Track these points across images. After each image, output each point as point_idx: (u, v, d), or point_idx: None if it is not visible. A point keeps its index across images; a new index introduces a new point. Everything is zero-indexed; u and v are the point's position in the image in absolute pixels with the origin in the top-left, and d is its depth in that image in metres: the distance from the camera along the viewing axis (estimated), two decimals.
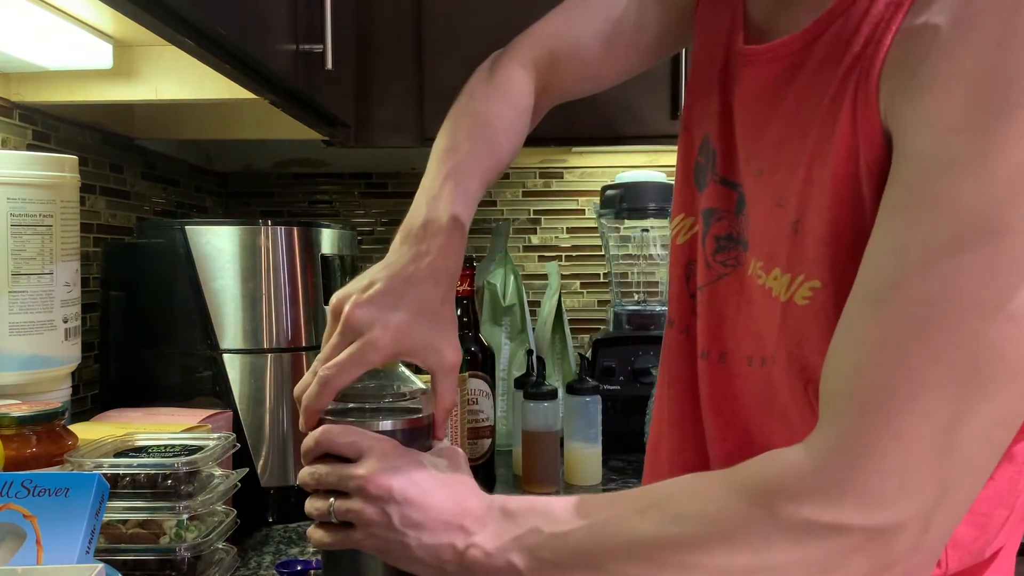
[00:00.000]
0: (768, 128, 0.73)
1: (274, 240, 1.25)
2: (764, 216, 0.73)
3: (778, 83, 0.72)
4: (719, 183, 0.79)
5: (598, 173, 2.01)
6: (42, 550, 0.67)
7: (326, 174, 2.01)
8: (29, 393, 1.02)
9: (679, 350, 0.85)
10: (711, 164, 0.80)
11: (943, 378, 0.54)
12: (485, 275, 1.78)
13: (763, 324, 0.73)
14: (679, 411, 0.85)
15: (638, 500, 0.64)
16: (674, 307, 0.86)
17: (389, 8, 1.53)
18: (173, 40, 0.83)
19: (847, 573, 0.55)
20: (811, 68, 0.68)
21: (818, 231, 0.66)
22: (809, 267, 0.67)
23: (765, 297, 0.72)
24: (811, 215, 0.66)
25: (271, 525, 1.24)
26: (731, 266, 0.78)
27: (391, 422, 0.73)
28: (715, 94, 0.80)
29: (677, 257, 0.86)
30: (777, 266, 0.70)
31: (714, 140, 0.80)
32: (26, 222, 1.01)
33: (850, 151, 0.63)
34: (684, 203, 0.85)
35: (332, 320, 0.74)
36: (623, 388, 1.63)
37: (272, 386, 1.25)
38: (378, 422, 0.73)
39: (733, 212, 0.77)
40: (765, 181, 0.72)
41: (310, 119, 1.29)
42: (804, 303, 0.67)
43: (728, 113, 0.78)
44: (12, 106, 1.20)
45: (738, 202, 0.77)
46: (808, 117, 0.67)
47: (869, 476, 0.54)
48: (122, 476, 0.86)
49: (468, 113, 0.88)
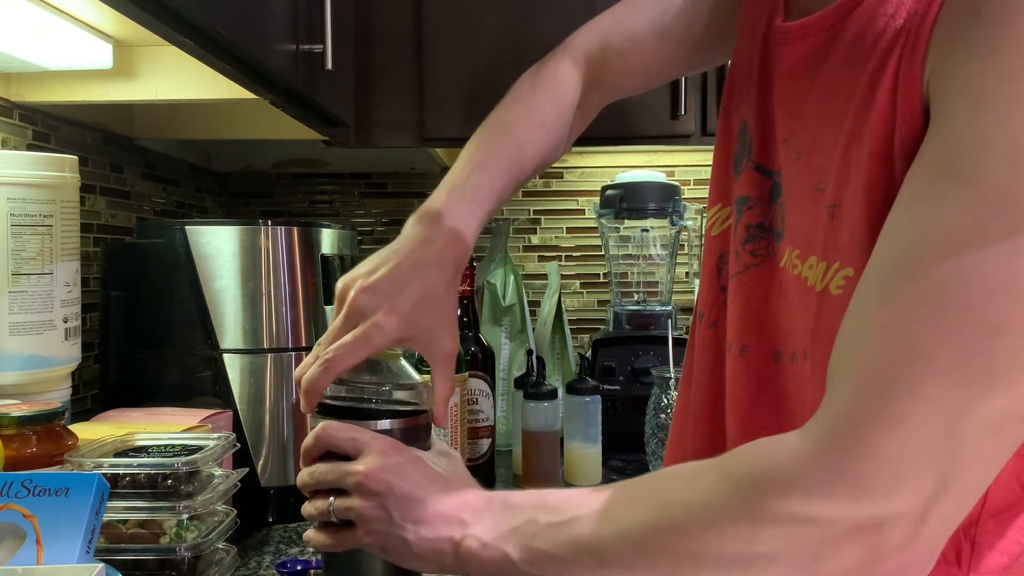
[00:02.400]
0: (804, 107, 0.71)
1: (274, 240, 1.25)
2: (802, 201, 0.70)
3: (813, 59, 0.70)
4: (754, 170, 0.77)
5: (598, 173, 2.01)
6: (42, 550, 0.67)
7: (326, 174, 2.01)
8: (29, 393, 1.02)
9: (704, 343, 0.83)
10: (747, 151, 0.78)
11: (953, 364, 0.51)
12: (485, 275, 1.78)
13: (797, 317, 0.70)
14: (702, 407, 0.83)
15: (633, 488, 0.64)
16: (703, 300, 0.84)
17: (389, 8, 1.53)
18: (173, 40, 0.83)
19: (837, 565, 0.54)
20: (846, 42, 0.66)
21: (853, 216, 0.63)
22: (844, 254, 0.64)
23: (801, 288, 0.69)
24: (847, 199, 0.64)
25: (271, 525, 1.24)
26: (761, 256, 0.75)
27: (389, 421, 0.73)
28: (754, 78, 0.78)
29: (711, 249, 0.84)
30: (814, 254, 0.67)
31: (752, 126, 0.78)
32: (26, 222, 1.01)
33: (887, 130, 0.60)
34: (720, 192, 0.83)
35: (338, 304, 0.74)
36: (623, 388, 1.63)
37: (272, 386, 1.25)
38: (377, 421, 0.73)
39: (766, 201, 0.75)
40: (804, 164, 0.70)
41: (310, 119, 1.29)
42: (839, 292, 0.65)
43: (767, 95, 0.76)
44: (12, 106, 1.20)
45: (772, 190, 0.75)
46: (845, 95, 0.65)
47: (863, 464, 0.52)
48: (122, 476, 0.86)
49: (509, 107, 0.88)
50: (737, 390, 0.77)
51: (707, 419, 0.82)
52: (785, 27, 0.74)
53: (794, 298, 0.71)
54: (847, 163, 0.64)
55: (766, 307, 0.75)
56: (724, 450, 0.79)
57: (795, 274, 0.70)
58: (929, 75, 0.57)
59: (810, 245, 0.68)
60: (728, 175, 0.82)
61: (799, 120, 0.71)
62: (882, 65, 0.62)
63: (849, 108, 0.64)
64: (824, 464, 0.54)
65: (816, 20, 0.70)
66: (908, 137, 0.59)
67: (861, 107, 0.63)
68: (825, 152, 0.67)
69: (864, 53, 0.64)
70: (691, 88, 1.51)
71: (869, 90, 0.62)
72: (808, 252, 0.68)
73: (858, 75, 0.64)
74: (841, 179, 0.65)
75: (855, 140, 0.63)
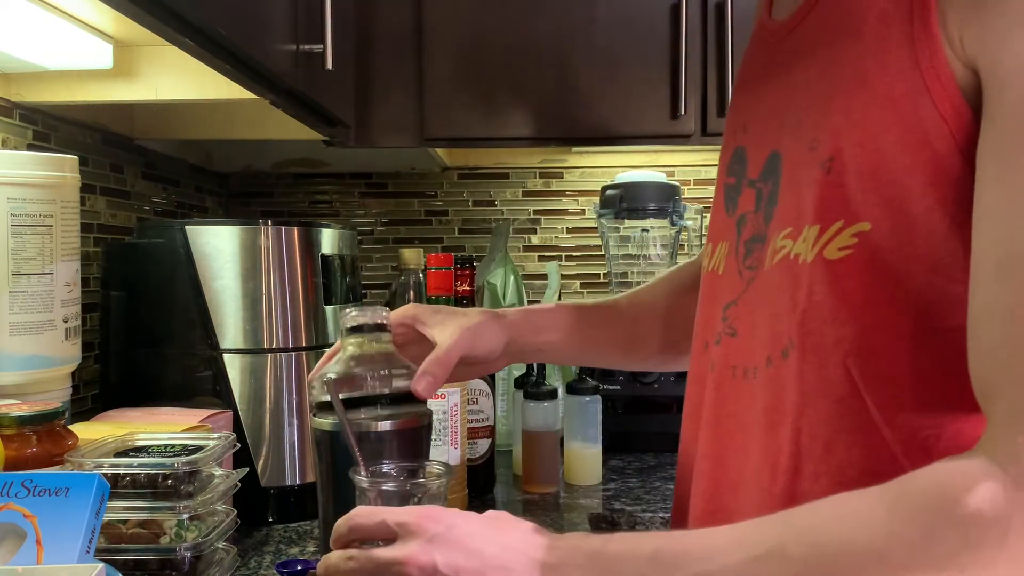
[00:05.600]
0: (795, 81, 0.68)
1: (274, 240, 1.25)
2: (799, 169, 0.65)
3: (793, 22, 0.69)
4: (748, 186, 0.74)
5: (598, 173, 2.01)
6: (42, 550, 0.67)
7: (326, 174, 2.01)
8: (29, 393, 1.02)
9: (696, 367, 0.80)
10: (743, 172, 0.75)
11: None
12: (485, 275, 1.78)
13: (781, 307, 0.65)
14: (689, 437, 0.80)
15: (766, 536, 0.54)
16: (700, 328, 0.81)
17: (389, 8, 1.53)
18: (173, 40, 0.83)
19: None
20: (829, 6, 0.65)
21: (859, 162, 0.59)
22: (852, 208, 0.59)
23: (789, 274, 0.65)
24: (848, 147, 0.60)
25: (271, 525, 1.24)
26: (755, 268, 0.72)
27: (390, 423, 0.75)
28: (748, 75, 0.78)
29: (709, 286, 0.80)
30: (806, 223, 0.63)
31: (747, 135, 0.75)
32: (26, 222, 1.01)
33: (905, 73, 0.57)
34: (714, 234, 0.80)
35: None
36: (623, 388, 1.63)
37: (272, 386, 1.25)
38: (377, 423, 0.75)
39: (754, 211, 0.72)
40: (800, 130, 0.66)
41: (310, 119, 1.29)
42: (842, 254, 0.60)
43: (763, 84, 0.74)
44: (12, 106, 1.20)
45: (757, 198, 0.72)
46: (846, 43, 0.62)
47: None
48: (122, 476, 0.86)
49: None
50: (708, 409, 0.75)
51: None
52: (763, 18, 0.75)
53: (777, 288, 0.66)
54: (850, 110, 0.60)
55: (752, 322, 0.71)
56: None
57: (783, 256, 0.65)
58: (957, 30, 0.54)
59: (802, 215, 0.64)
60: (721, 215, 0.79)
61: (792, 98, 0.68)
62: (881, 22, 0.59)
63: (846, 55, 0.62)
64: (1007, 456, 0.48)
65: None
66: (940, 93, 0.55)
67: (861, 55, 0.60)
68: (820, 105, 0.63)
69: (853, 12, 0.62)
70: (691, 88, 1.51)
71: (876, 36, 0.59)
72: (801, 223, 0.64)
73: (854, 22, 0.61)
74: (838, 130, 0.61)
75: (856, 85, 0.60)
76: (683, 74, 1.49)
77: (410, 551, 0.60)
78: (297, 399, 1.26)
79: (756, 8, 0.82)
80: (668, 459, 1.56)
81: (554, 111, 1.53)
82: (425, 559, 0.59)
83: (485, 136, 1.54)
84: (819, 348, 0.62)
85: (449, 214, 2.02)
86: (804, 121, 0.65)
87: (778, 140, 0.69)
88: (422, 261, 1.46)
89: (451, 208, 2.02)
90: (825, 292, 0.61)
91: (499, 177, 2.02)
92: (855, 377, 0.60)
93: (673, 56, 1.50)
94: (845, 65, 0.61)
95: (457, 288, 1.42)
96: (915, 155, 0.56)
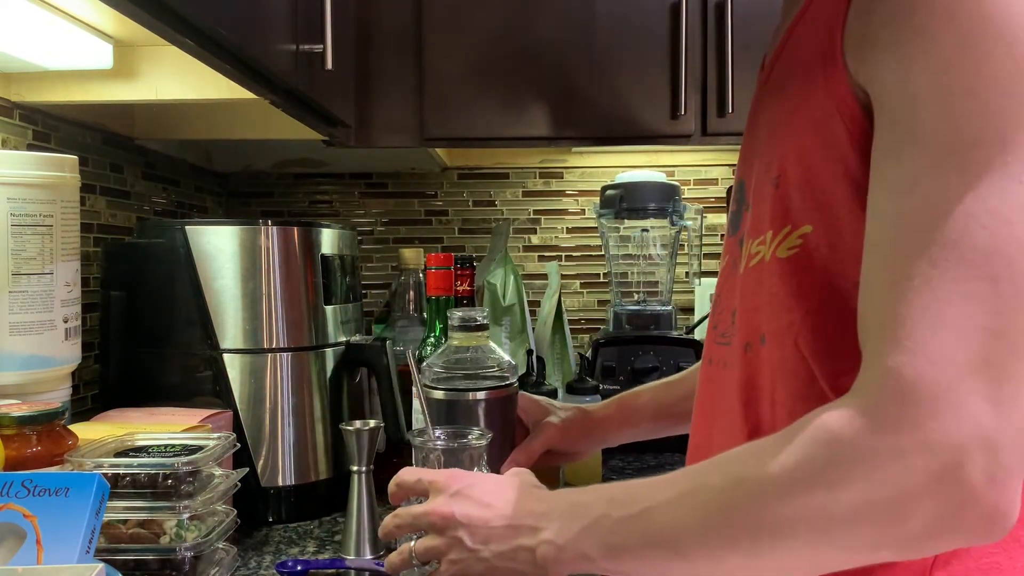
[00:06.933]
0: (765, 110, 0.78)
1: (274, 240, 1.25)
2: (760, 188, 0.75)
3: (767, 70, 0.79)
4: (746, 210, 0.81)
5: (598, 173, 2.01)
6: (42, 550, 0.67)
7: (326, 174, 2.01)
8: (29, 393, 1.02)
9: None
10: (741, 199, 0.83)
11: (965, 293, 0.55)
12: (485, 275, 1.78)
13: (756, 301, 0.75)
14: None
15: (699, 473, 0.66)
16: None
17: (389, 8, 1.53)
18: (173, 40, 0.83)
19: (921, 517, 0.55)
20: (791, 48, 0.75)
21: (797, 176, 0.70)
22: (795, 215, 0.70)
23: (753, 273, 0.75)
24: (789, 165, 0.71)
25: (271, 525, 1.24)
26: (739, 275, 0.81)
27: (484, 392, 1.03)
28: (749, 115, 0.86)
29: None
30: (764, 230, 0.73)
31: (742, 167, 0.83)
32: (26, 222, 1.01)
33: (822, 102, 0.67)
34: (724, 250, 0.89)
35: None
36: (623, 388, 1.61)
37: (272, 386, 1.25)
38: (471, 392, 1.04)
39: (743, 229, 0.80)
40: (763, 158, 0.76)
41: (310, 119, 1.29)
42: (789, 254, 0.70)
43: (749, 124, 0.84)
44: (12, 106, 1.20)
45: (744, 219, 0.80)
46: (791, 85, 0.72)
47: (918, 410, 0.54)
48: (122, 476, 0.86)
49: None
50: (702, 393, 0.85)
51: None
52: (761, 72, 0.83)
53: (754, 290, 0.75)
54: (790, 135, 0.71)
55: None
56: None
57: (756, 264, 0.75)
58: (854, 54, 0.65)
59: (761, 224, 0.74)
60: (727, 236, 0.87)
61: (759, 135, 0.79)
62: (820, 52, 0.69)
63: (792, 90, 0.72)
64: (883, 414, 0.56)
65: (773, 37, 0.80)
66: (847, 114, 0.66)
67: (801, 87, 0.71)
68: (771, 131, 0.75)
69: (807, 48, 0.71)
70: (691, 88, 1.51)
71: (810, 71, 0.70)
72: (762, 231, 0.74)
73: (804, 61, 0.71)
74: (783, 151, 0.72)
75: (796, 114, 0.71)
76: (683, 74, 1.49)
77: (435, 504, 0.75)
78: (297, 399, 1.26)
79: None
80: (668, 459, 1.56)
81: (554, 111, 1.53)
82: (445, 510, 0.74)
83: (485, 136, 1.54)
84: (779, 332, 0.72)
85: (449, 214, 2.03)
86: (765, 151, 0.76)
87: (750, 170, 0.80)
88: (422, 261, 1.46)
89: (451, 208, 2.03)
90: (779, 285, 0.71)
91: (499, 177, 2.03)
92: (805, 354, 0.69)
93: (673, 56, 1.50)
94: (789, 101, 0.73)
95: (457, 288, 1.42)
96: (835, 167, 0.67)
